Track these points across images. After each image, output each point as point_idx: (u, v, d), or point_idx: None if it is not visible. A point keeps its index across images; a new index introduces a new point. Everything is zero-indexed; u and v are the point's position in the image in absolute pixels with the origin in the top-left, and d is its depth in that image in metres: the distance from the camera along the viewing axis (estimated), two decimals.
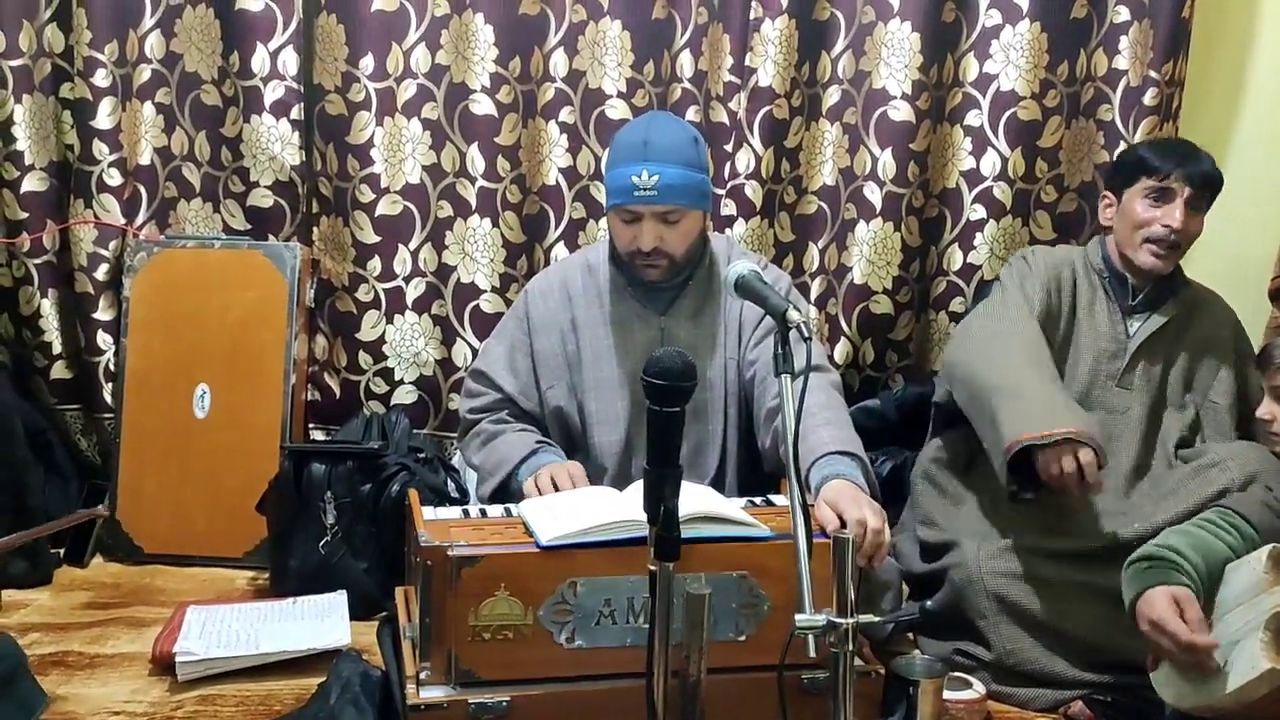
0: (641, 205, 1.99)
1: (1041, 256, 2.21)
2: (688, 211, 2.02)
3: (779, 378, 1.50)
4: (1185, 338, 2.14)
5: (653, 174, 1.97)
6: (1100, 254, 2.19)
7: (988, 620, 1.87)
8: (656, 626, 1.28)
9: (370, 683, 1.73)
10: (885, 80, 2.52)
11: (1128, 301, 2.14)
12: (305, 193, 2.62)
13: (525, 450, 2.04)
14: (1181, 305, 2.15)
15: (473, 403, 2.17)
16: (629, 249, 2.05)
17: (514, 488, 2.01)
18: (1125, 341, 2.13)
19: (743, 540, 1.65)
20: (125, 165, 2.56)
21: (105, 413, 2.58)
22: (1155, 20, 2.47)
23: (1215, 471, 1.91)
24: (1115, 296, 2.15)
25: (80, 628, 2.08)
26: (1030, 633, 1.85)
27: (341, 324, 2.65)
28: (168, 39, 2.56)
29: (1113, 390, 2.12)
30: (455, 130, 2.58)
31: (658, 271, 2.06)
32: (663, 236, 2.01)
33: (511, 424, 2.12)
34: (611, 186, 2.04)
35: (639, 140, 2.01)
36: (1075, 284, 2.17)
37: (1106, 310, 2.15)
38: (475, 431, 2.14)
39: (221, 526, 2.41)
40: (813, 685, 1.64)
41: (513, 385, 2.13)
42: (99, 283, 2.55)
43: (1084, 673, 1.83)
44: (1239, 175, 2.63)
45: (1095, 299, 2.16)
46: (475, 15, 2.51)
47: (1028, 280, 2.16)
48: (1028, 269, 2.18)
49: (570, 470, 1.96)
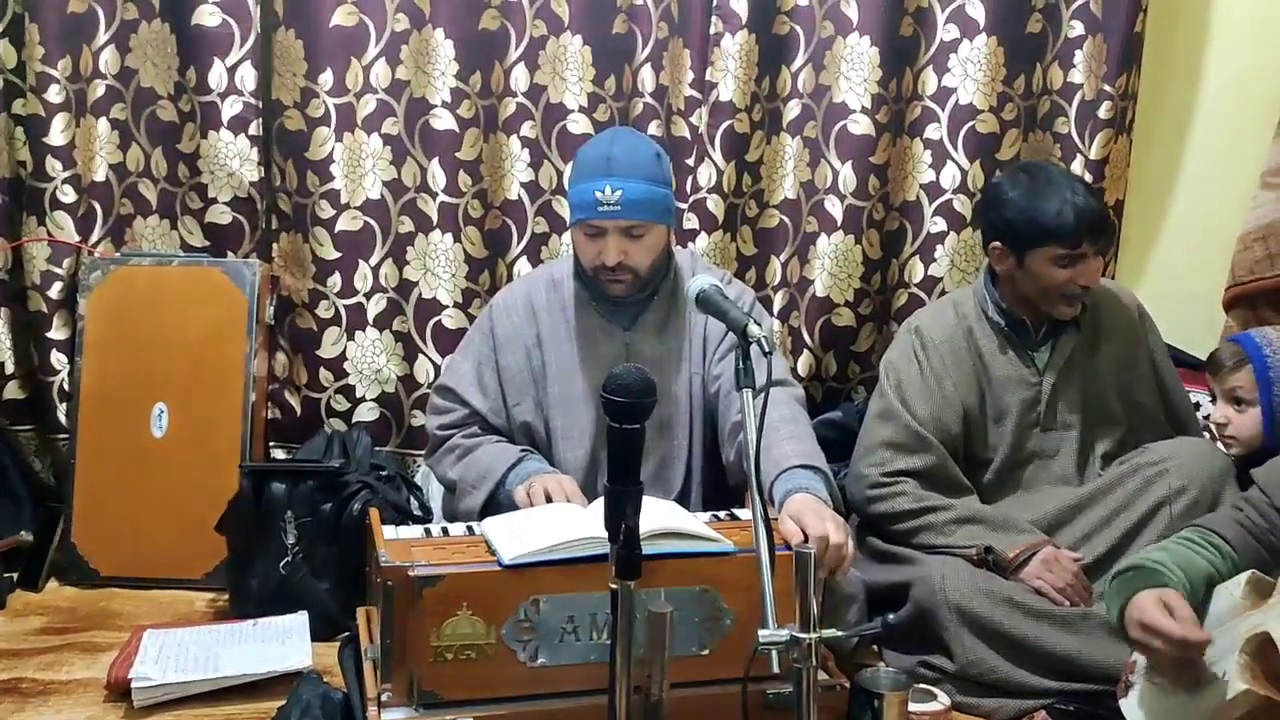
0: (605, 220, 1.99)
1: (932, 352, 2.13)
2: (652, 226, 2.02)
3: (741, 393, 1.51)
4: (1097, 354, 2.14)
5: (616, 189, 1.97)
6: (992, 303, 2.14)
7: (949, 631, 1.87)
8: (618, 644, 1.28)
9: (331, 705, 1.70)
10: (845, 94, 2.54)
11: (1031, 339, 2.14)
12: (264, 209, 2.60)
13: (511, 459, 2.03)
14: (1086, 316, 2.13)
15: (442, 419, 2.15)
16: (593, 264, 2.04)
17: (501, 497, 2.00)
18: (1039, 381, 2.12)
19: (705, 556, 1.64)
20: (79, 182, 2.52)
21: (60, 433, 2.53)
22: (1108, 35, 2.51)
23: (1154, 474, 1.94)
24: (1017, 342, 2.14)
25: (34, 654, 2.03)
26: (991, 643, 1.86)
27: (302, 341, 2.62)
28: (122, 54, 2.52)
29: (1041, 436, 2.13)
30: (416, 145, 2.56)
31: (622, 286, 2.06)
32: (627, 251, 2.01)
33: (487, 437, 2.11)
34: (575, 202, 2.04)
35: (602, 156, 2.01)
36: (977, 350, 2.14)
37: (1013, 359, 2.13)
38: (449, 447, 2.13)
39: (180, 548, 2.37)
40: (777, 700, 1.64)
41: (482, 403, 2.12)
42: (53, 301, 2.51)
43: (1047, 681, 1.83)
44: (1192, 188, 2.69)
45: (997, 351, 2.14)
46: (435, 30, 2.51)
47: (916, 403, 2.09)
48: (917, 375, 2.12)
49: (562, 482, 1.95)
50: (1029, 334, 2.14)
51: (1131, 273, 2.73)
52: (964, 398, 2.11)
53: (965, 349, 2.14)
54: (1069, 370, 2.12)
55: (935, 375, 2.11)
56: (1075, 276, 2.02)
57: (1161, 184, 2.70)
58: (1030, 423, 2.13)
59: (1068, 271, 2.02)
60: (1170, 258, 2.72)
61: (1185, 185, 2.69)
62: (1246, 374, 1.95)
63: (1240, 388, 1.96)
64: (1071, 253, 2.00)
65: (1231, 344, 2.02)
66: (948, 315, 2.18)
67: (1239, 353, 1.97)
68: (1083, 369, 2.13)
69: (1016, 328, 2.14)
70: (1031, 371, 2.13)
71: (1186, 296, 2.63)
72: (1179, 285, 2.67)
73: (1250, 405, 1.95)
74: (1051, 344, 2.13)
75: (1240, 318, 2.44)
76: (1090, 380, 2.13)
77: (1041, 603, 1.89)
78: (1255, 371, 1.94)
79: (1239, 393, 1.96)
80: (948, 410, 2.10)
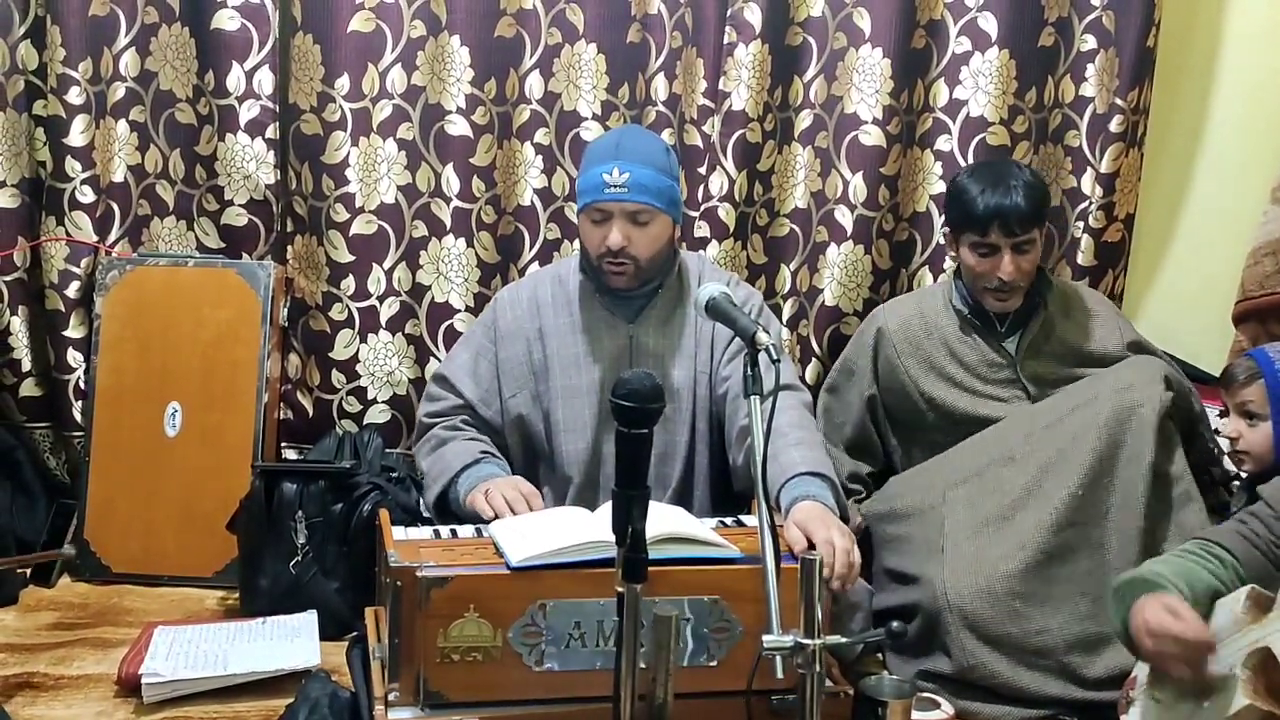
0: (612, 202, 2.00)
1: (884, 342, 2.25)
2: (657, 214, 2.03)
3: (748, 399, 1.52)
4: (1067, 337, 2.19)
5: (624, 171, 1.99)
6: (957, 292, 2.23)
7: (951, 634, 1.87)
8: (624, 649, 1.28)
9: (339, 704, 1.72)
10: (856, 105, 2.56)
11: (999, 329, 2.19)
12: (280, 212, 2.62)
13: (468, 458, 2.04)
14: (1053, 304, 2.20)
15: (431, 406, 2.18)
16: (598, 250, 2.05)
17: (452, 496, 2.01)
18: (1012, 367, 2.17)
19: (711, 561, 1.65)
20: (98, 183, 2.55)
21: (75, 431, 2.56)
22: (1121, 49, 2.52)
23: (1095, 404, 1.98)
24: (986, 331, 2.19)
25: (46, 649, 2.05)
26: (994, 647, 1.85)
27: (315, 343, 2.64)
28: (143, 57, 2.55)
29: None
30: (430, 151, 2.59)
31: (624, 278, 2.06)
32: (630, 237, 2.02)
33: (463, 431, 2.13)
34: (583, 187, 2.06)
35: (611, 144, 2.06)
36: (942, 337, 2.21)
37: (978, 343, 2.19)
38: (427, 437, 2.15)
39: (191, 546, 2.39)
40: (781, 707, 1.64)
41: (473, 392, 2.14)
42: (70, 300, 2.54)
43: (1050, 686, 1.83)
44: (1202, 202, 2.69)
45: (965, 342, 2.20)
46: (451, 37, 2.53)
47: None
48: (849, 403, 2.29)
49: (520, 488, 1.96)
50: (995, 323, 2.19)
51: (1141, 286, 2.73)
52: (917, 384, 2.20)
53: (923, 336, 2.22)
54: (1037, 355, 2.17)
55: (856, 405, 2.28)
56: (992, 268, 2.10)
57: (1172, 198, 2.70)
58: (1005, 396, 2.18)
59: (986, 262, 2.11)
60: (1180, 272, 2.72)
61: (1196, 199, 2.69)
62: (1258, 389, 1.95)
63: (1252, 402, 1.96)
64: (982, 241, 2.09)
65: (1245, 359, 2.02)
66: (908, 306, 2.29)
67: (1251, 367, 1.97)
68: (1054, 354, 2.18)
69: (981, 316, 2.19)
70: (1002, 356, 2.18)
71: (1196, 310, 2.63)
72: (1189, 299, 2.67)
73: (1262, 420, 1.95)
74: (1020, 331, 2.19)
75: (1250, 332, 2.44)
76: (1063, 363, 2.18)
77: (1045, 601, 1.88)
78: (1268, 386, 1.94)
79: (1251, 407, 1.96)
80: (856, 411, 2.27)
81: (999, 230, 2.07)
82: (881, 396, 2.28)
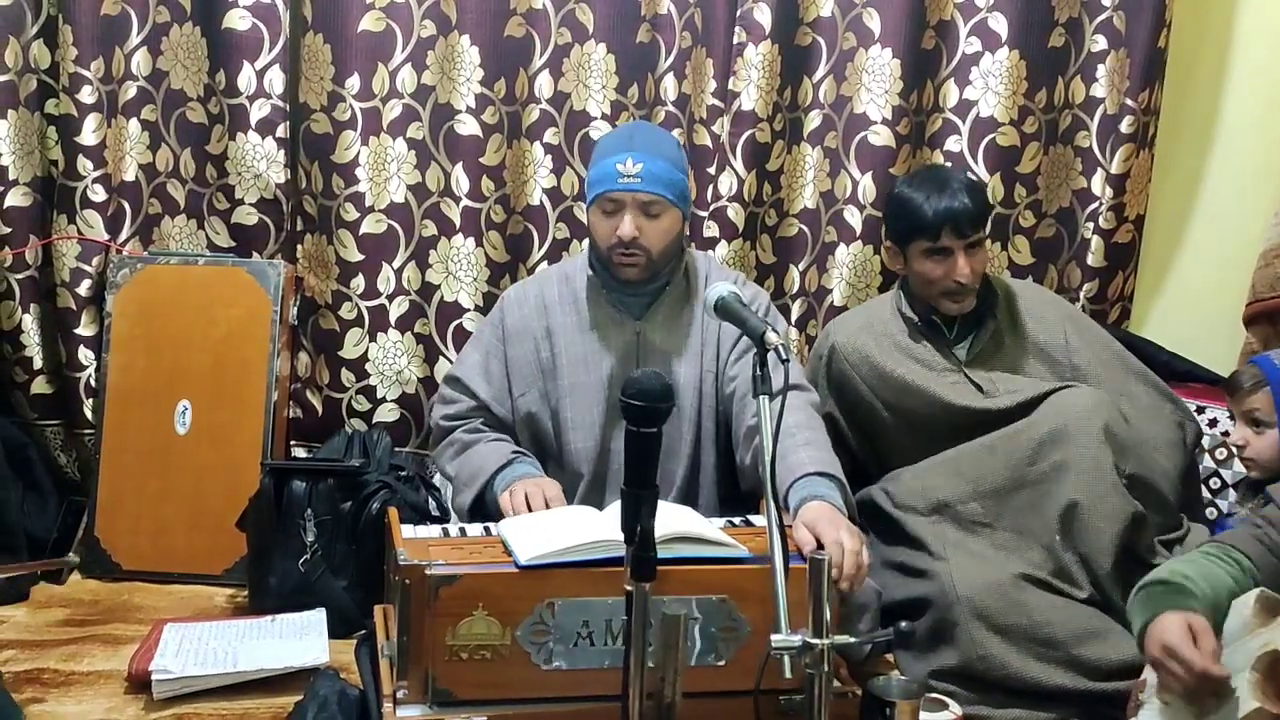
0: (624, 192, 2.01)
1: (836, 356, 2.24)
2: (669, 207, 2.04)
3: (757, 398, 1.52)
4: (1019, 340, 2.18)
5: (638, 162, 2.00)
6: (907, 303, 2.22)
7: (960, 626, 1.86)
8: (632, 647, 1.29)
9: (347, 702, 1.72)
10: (866, 105, 2.56)
11: (948, 335, 2.19)
12: (290, 210, 2.63)
13: (501, 460, 2.04)
14: (1000, 311, 2.19)
15: (447, 409, 2.18)
16: (608, 242, 2.05)
17: (489, 498, 2.01)
18: (960, 373, 2.16)
19: (720, 561, 1.65)
20: (109, 181, 2.56)
21: (86, 429, 2.57)
22: (1131, 49, 2.52)
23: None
24: (935, 337, 2.19)
25: (56, 645, 2.06)
26: (1005, 637, 1.84)
27: (324, 341, 2.65)
28: (154, 56, 2.56)
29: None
30: (440, 150, 2.59)
31: (635, 269, 2.06)
32: (642, 228, 2.02)
33: (486, 433, 2.13)
34: (595, 178, 2.06)
35: (625, 136, 2.08)
36: (893, 344, 2.19)
37: (929, 349, 2.18)
38: (449, 440, 2.15)
39: (201, 543, 2.40)
40: (789, 707, 1.64)
41: (486, 392, 2.14)
42: (81, 298, 2.55)
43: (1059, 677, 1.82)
44: (1213, 203, 2.69)
45: (912, 344, 2.19)
46: (461, 37, 2.53)
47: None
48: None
49: (545, 489, 1.96)
50: (944, 330, 2.19)
51: (1151, 287, 2.73)
52: (873, 390, 2.19)
53: (872, 344, 2.20)
54: (985, 363, 2.16)
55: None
56: (947, 272, 2.10)
57: (1183, 199, 2.69)
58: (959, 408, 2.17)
59: (940, 266, 2.10)
60: (1191, 273, 2.71)
61: (1206, 200, 2.69)
62: (1265, 396, 1.94)
63: (1259, 409, 1.95)
64: (934, 245, 2.09)
65: (1250, 366, 2.01)
66: (857, 318, 2.29)
67: (1257, 374, 1.96)
68: (1000, 364, 2.17)
69: (929, 324, 2.19)
70: (951, 361, 2.17)
71: (1207, 312, 2.62)
72: (1199, 300, 2.67)
73: (1269, 427, 1.94)
74: (971, 338, 2.19)
75: (1261, 334, 2.43)
76: (1012, 371, 2.17)
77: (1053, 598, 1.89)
78: (1274, 393, 1.93)
79: (1257, 414, 1.95)
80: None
81: (950, 233, 2.08)
82: (841, 413, 2.27)
